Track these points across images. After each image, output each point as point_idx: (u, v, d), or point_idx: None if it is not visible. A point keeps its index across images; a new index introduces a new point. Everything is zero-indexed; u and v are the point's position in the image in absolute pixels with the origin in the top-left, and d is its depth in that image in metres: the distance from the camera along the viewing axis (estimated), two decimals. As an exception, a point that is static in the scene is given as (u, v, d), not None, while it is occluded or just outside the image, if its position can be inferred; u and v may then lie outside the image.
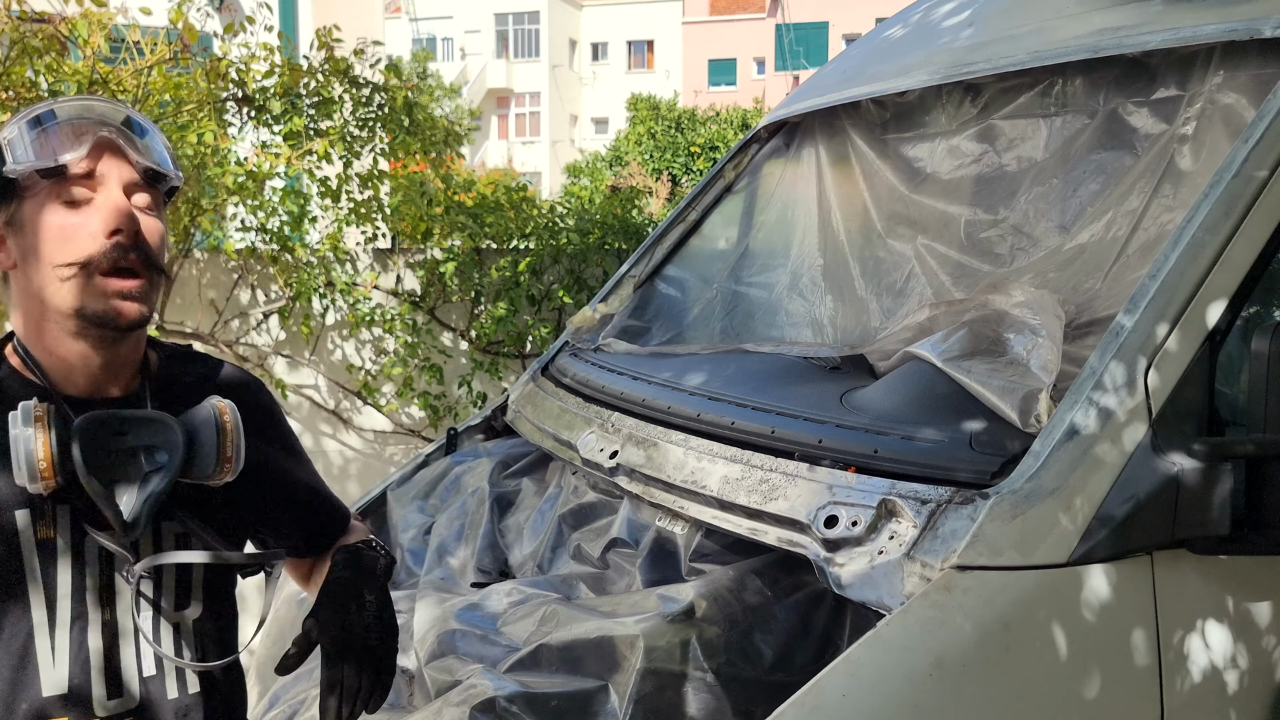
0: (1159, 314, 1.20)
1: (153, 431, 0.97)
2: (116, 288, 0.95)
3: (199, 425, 0.99)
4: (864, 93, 2.02)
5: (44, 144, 0.96)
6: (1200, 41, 1.48)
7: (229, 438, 1.00)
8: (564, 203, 5.11)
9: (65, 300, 0.95)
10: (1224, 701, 1.22)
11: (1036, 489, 1.13)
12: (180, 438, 0.97)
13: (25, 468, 0.90)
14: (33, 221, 0.96)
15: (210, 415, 1.00)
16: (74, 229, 0.95)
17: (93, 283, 0.95)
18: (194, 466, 0.98)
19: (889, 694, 1.05)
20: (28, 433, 0.90)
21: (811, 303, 2.02)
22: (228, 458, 1.00)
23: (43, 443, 0.90)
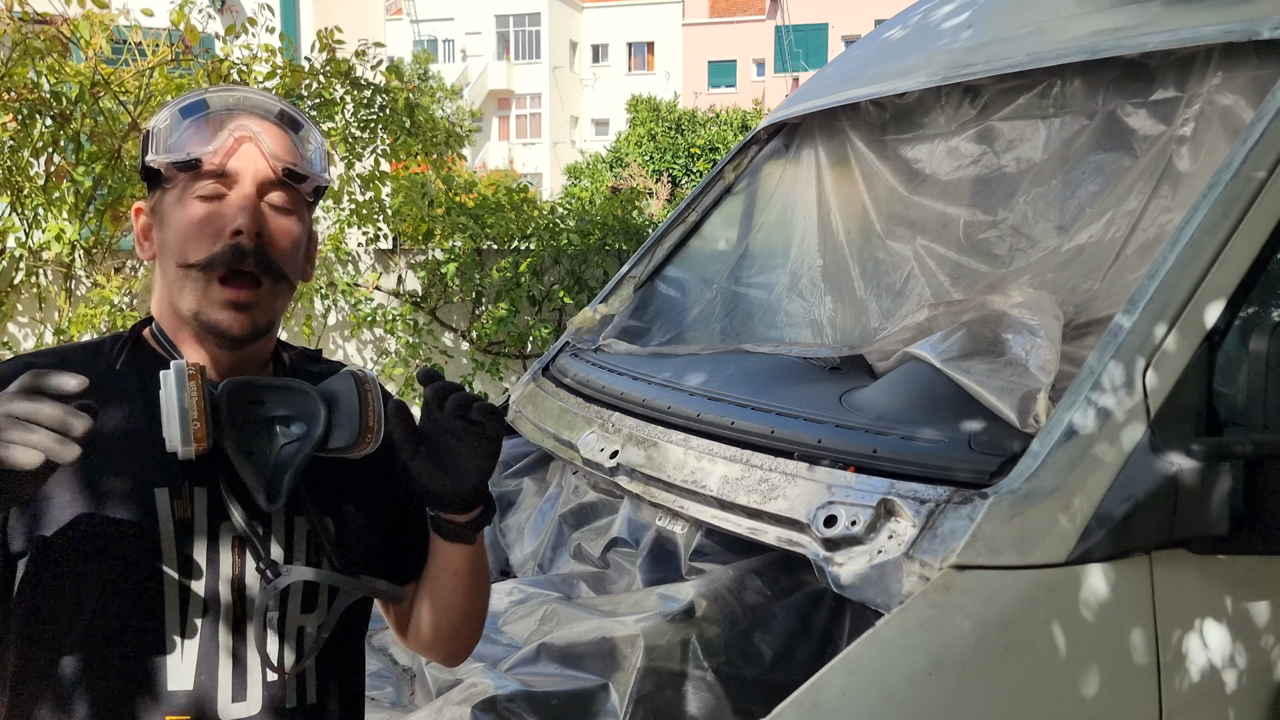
0: (1157, 314, 1.20)
1: (291, 400, 0.92)
2: (228, 296, 0.91)
3: (339, 394, 0.93)
4: (863, 94, 2.02)
5: (186, 135, 0.92)
6: (1199, 43, 1.49)
7: (369, 406, 0.93)
8: (565, 204, 5.12)
9: (186, 303, 0.92)
10: (1222, 701, 1.22)
11: (1035, 489, 1.14)
12: (320, 408, 0.91)
13: (180, 427, 0.84)
14: (169, 215, 0.93)
15: (350, 383, 0.94)
16: (200, 226, 0.91)
17: (210, 288, 0.91)
18: (334, 437, 0.92)
19: (888, 693, 1.06)
20: (182, 393, 0.85)
21: (811, 303, 2.03)
22: (369, 427, 0.93)
23: (197, 401, 0.85)
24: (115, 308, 3.74)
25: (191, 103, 0.95)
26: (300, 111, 0.99)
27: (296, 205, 0.96)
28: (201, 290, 0.91)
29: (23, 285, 4.09)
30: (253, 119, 0.94)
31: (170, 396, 0.85)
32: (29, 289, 4.14)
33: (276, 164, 0.93)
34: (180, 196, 0.92)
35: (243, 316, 0.92)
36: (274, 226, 0.93)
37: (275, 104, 0.97)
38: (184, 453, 0.85)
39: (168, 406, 0.85)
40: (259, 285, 0.92)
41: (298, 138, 0.97)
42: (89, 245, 3.97)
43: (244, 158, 0.93)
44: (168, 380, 0.86)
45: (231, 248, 0.90)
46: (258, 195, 0.93)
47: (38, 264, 4.05)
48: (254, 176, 0.93)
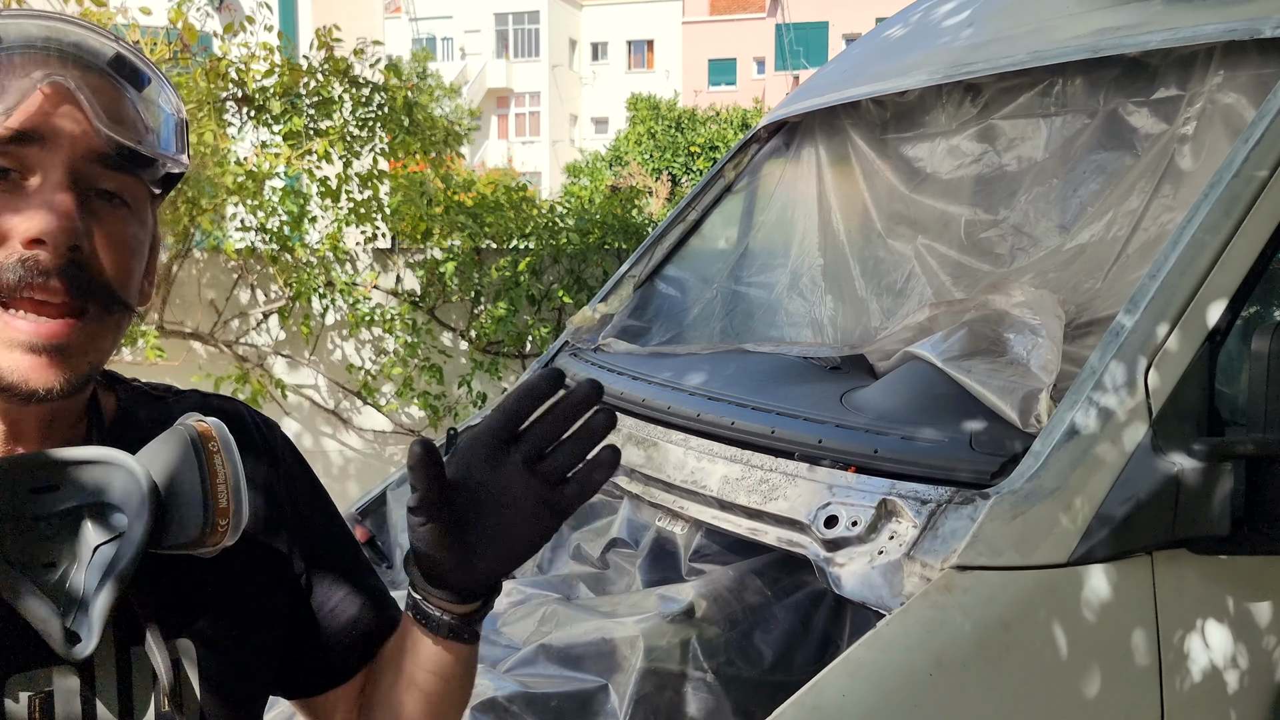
0: (1159, 314, 1.20)
1: (99, 480, 0.61)
2: (25, 333, 0.59)
3: (171, 464, 0.63)
4: (864, 92, 2.01)
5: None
6: (1200, 41, 1.48)
7: (218, 477, 0.63)
8: (564, 203, 5.11)
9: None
10: (1224, 701, 1.21)
11: (1036, 489, 1.13)
12: (144, 484, 0.61)
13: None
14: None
15: (184, 445, 0.63)
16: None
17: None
18: (169, 531, 0.62)
19: (889, 694, 1.05)
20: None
21: (811, 303, 2.02)
22: (221, 509, 0.63)
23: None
24: None
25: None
26: (146, 58, 0.67)
27: (136, 199, 0.65)
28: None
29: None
30: (71, 65, 0.62)
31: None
32: None
33: (108, 137, 0.62)
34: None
35: (50, 363, 0.60)
36: (102, 230, 0.62)
37: (108, 44, 0.65)
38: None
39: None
40: (80, 314, 0.61)
41: (140, 99, 0.65)
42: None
43: (54, 123, 0.61)
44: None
45: (25, 264, 0.59)
46: (74, 184, 0.61)
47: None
48: (70, 154, 0.61)
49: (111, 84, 0.64)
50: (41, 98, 0.61)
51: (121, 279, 0.64)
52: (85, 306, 0.61)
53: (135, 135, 0.64)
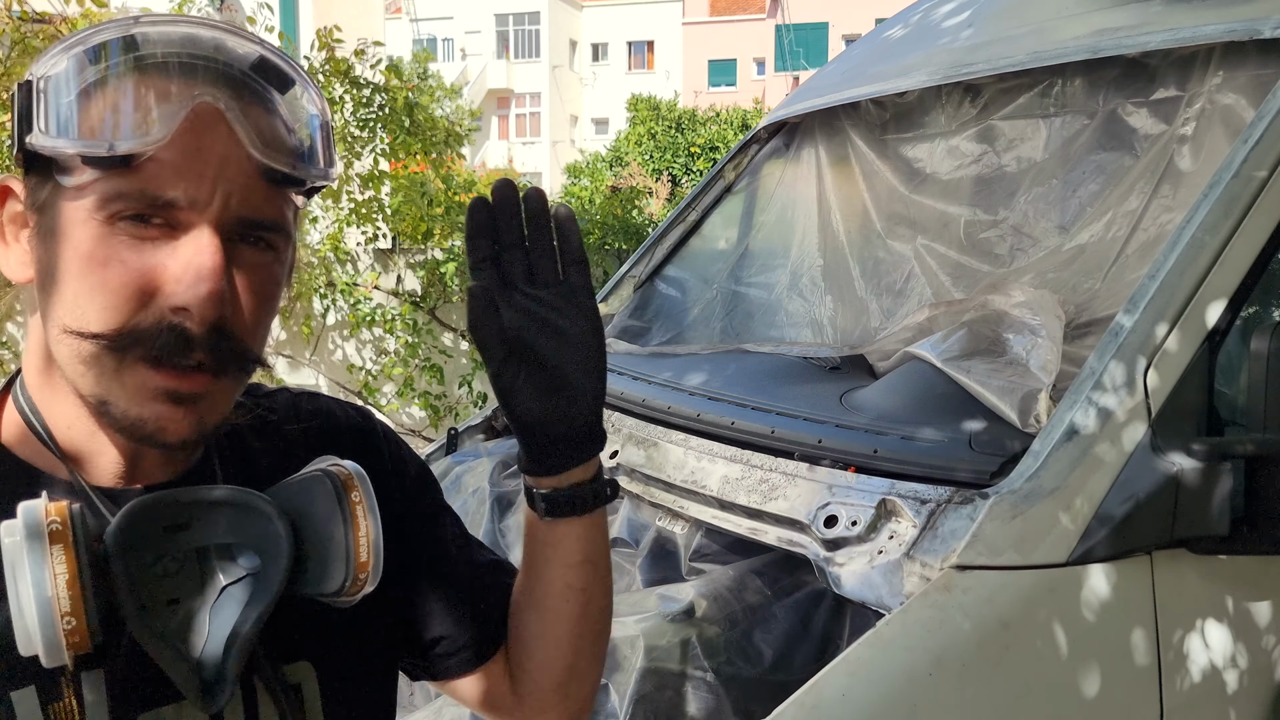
0: (1158, 314, 1.20)
1: (234, 522, 0.59)
2: (165, 384, 0.57)
3: (311, 511, 0.61)
4: (864, 93, 2.02)
5: (96, 103, 0.55)
6: (1200, 42, 1.49)
7: (361, 528, 0.60)
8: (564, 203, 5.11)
9: (85, 383, 0.58)
10: (1223, 701, 1.22)
11: (1036, 489, 1.13)
12: (282, 529, 0.59)
13: (36, 628, 0.52)
14: (64, 235, 0.57)
15: (329, 492, 0.61)
16: (117, 275, 0.56)
17: (129, 370, 0.57)
18: (307, 575, 0.60)
19: (889, 693, 1.05)
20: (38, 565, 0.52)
21: (811, 303, 2.03)
22: (362, 562, 0.60)
23: (68, 581, 0.52)
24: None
25: (108, 39, 0.56)
26: (287, 57, 0.62)
27: (283, 230, 0.61)
28: (112, 370, 0.57)
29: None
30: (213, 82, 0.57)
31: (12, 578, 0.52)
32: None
33: (263, 165, 0.58)
34: (87, 215, 0.56)
35: (187, 415, 0.58)
36: (245, 284, 0.59)
37: (250, 47, 0.59)
38: (49, 662, 0.53)
39: (13, 596, 0.52)
40: (218, 374, 0.59)
41: (285, 103, 0.60)
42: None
43: (206, 162, 0.56)
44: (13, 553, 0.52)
45: (169, 330, 0.56)
46: (221, 231, 0.57)
47: (37, 263, 4.04)
48: (223, 203, 0.57)
49: (258, 94, 0.59)
50: (187, 126, 0.56)
51: (259, 336, 0.62)
52: (225, 369, 0.59)
53: (287, 155, 0.59)
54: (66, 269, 0.57)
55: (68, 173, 0.57)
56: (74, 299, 0.57)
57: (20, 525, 0.53)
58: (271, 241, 0.61)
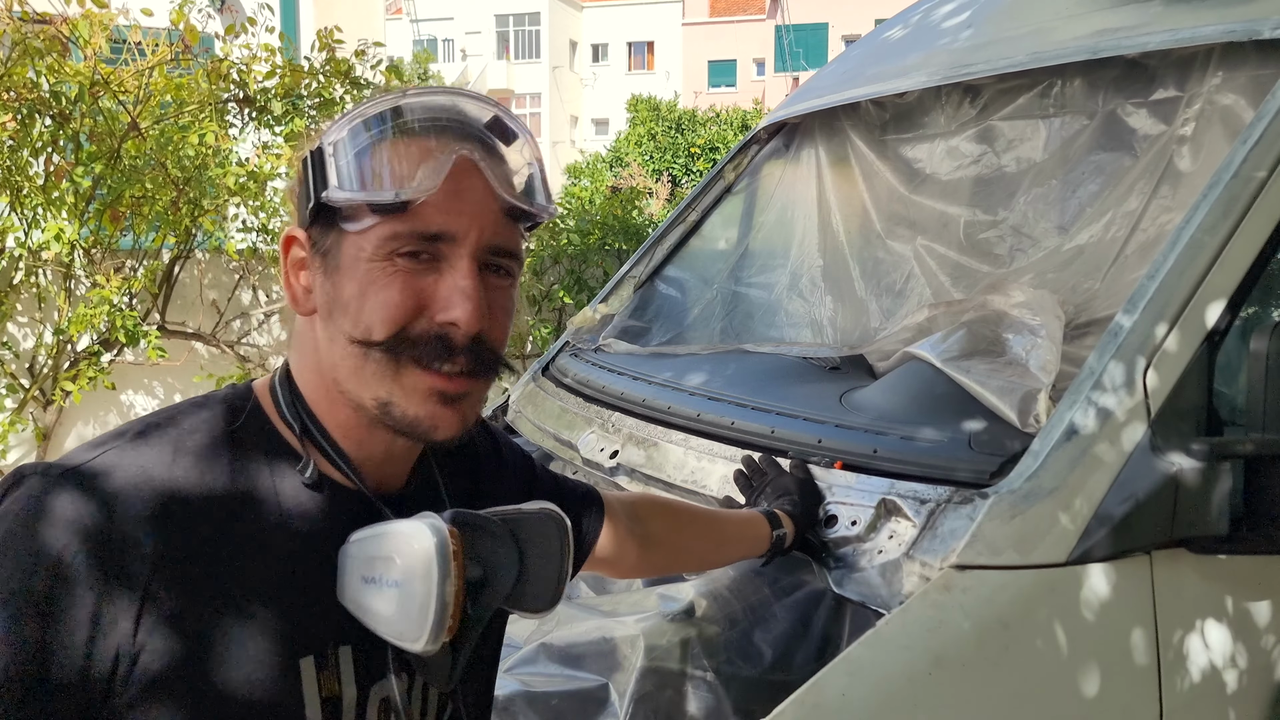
0: (1158, 314, 1.20)
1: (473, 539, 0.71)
2: (436, 385, 0.70)
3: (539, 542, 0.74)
4: (863, 94, 2.02)
5: (378, 161, 0.69)
6: (1199, 42, 1.49)
7: (569, 560, 0.75)
8: (564, 203, 5.11)
9: (366, 388, 0.70)
10: (1223, 701, 1.22)
11: (1035, 489, 1.14)
12: (514, 557, 0.72)
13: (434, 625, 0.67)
14: (349, 271, 0.70)
15: (552, 530, 0.75)
16: (395, 294, 0.69)
17: (405, 372, 0.70)
18: (523, 595, 0.73)
19: (888, 693, 1.05)
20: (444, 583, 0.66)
21: (811, 303, 2.03)
22: (560, 588, 0.75)
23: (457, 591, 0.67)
24: (115, 308, 3.74)
25: (382, 111, 0.71)
26: (511, 114, 0.75)
27: (518, 257, 0.74)
28: (391, 373, 0.70)
29: (22, 285, 4.09)
30: (465, 138, 0.70)
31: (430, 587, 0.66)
32: (28, 289, 4.14)
33: (510, 205, 0.71)
34: (370, 251, 0.69)
35: (455, 413, 0.71)
36: (495, 306, 0.72)
37: (485, 108, 0.73)
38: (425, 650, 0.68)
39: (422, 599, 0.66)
40: (476, 376, 0.72)
41: (511, 154, 0.73)
42: (88, 245, 3.97)
43: (464, 203, 0.69)
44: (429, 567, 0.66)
45: (438, 338, 0.70)
46: (476, 258, 0.70)
47: (37, 264, 4.05)
48: (478, 236, 0.70)
49: (493, 147, 0.72)
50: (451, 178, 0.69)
51: (503, 343, 0.74)
52: (482, 372, 0.72)
53: (522, 195, 0.72)
54: (352, 296, 0.70)
55: (352, 219, 0.70)
56: (358, 315, 0.70)
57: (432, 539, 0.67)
58: (509, 268, 0.74)
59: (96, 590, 0.62)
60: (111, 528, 0.63)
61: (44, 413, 4.19)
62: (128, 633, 0.62)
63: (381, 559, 0.68)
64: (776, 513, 1.23)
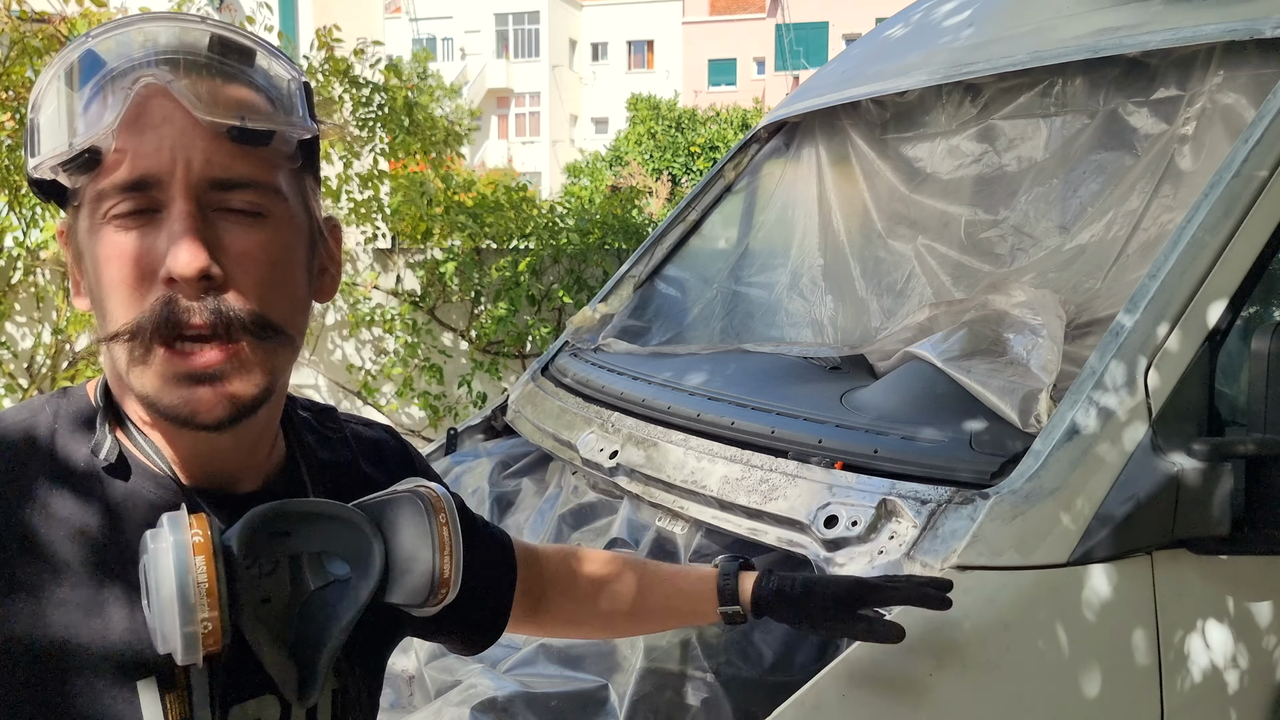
0: (1159, 314, 1.20)
1: (330, 533, 0.64)
2: (183, 367, 0.60)
3: (403, 528, 0.65)
4: (864, 93, 2.01)
5: (57, 115, 0.60)
6: (1200, 41, 1.48)
7: (446, 548, 0.66)
8: (564, 203, 5.11)
9: (133, 383, 0.61)
10: (1224, 701, 1.21)
11: (1036, 489, 1.13)
12: (375, 546, 0.64)
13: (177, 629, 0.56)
14: (85, 251, 0.62)
15: (419, 512, 0.66)
16: (120, 276, 0.59)
17: (153, 359, 0.60)
18: (393, 590, 0.65)
19: (888, 694, 1.05)
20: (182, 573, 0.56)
21: (811, 303, 2.02)
22: (445, 578, 0.66)
23: (207, 587, 0.57)
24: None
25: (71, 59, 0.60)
26: (244, 32, 0.64)
27: (268, 188, 0.62)
28: (141, 363, 0.60)
29: (20, 284, 4.09)
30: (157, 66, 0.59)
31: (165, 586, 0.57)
32: (26, 288, 4.13)
33: (214, 120, 0.59)
34: (88, 224, 0.61)
35: (214, 393, 0.60)
36: (241, 252, 0.60)
37: (201, 29, 0.61)
38: (183, 659, 0.58)
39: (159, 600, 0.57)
40: (232, 341, 0.61)
41: (251, 74, 0.62)
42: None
43: (159, 135, 0.58)
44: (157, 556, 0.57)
45: (164, 304, 0.59)
46: (198, 204, 0.59)
47: (35, 263, 4.04)
48: (186, 170, 0.58)
49: (212, 69, 0.61)
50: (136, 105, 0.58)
51: (274, 301, 0.62)
52: (236, 336, 0.61)
53: (235, 111, 0.60)
54: (94, 284, 0.61)
55: (73, 195, 0.61)
56: (101, 308, 0.61)
57: (168, 535, 0.58)
58: (258, 206, 0.61)
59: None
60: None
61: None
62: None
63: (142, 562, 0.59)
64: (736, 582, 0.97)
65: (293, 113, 0.64)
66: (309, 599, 0.64)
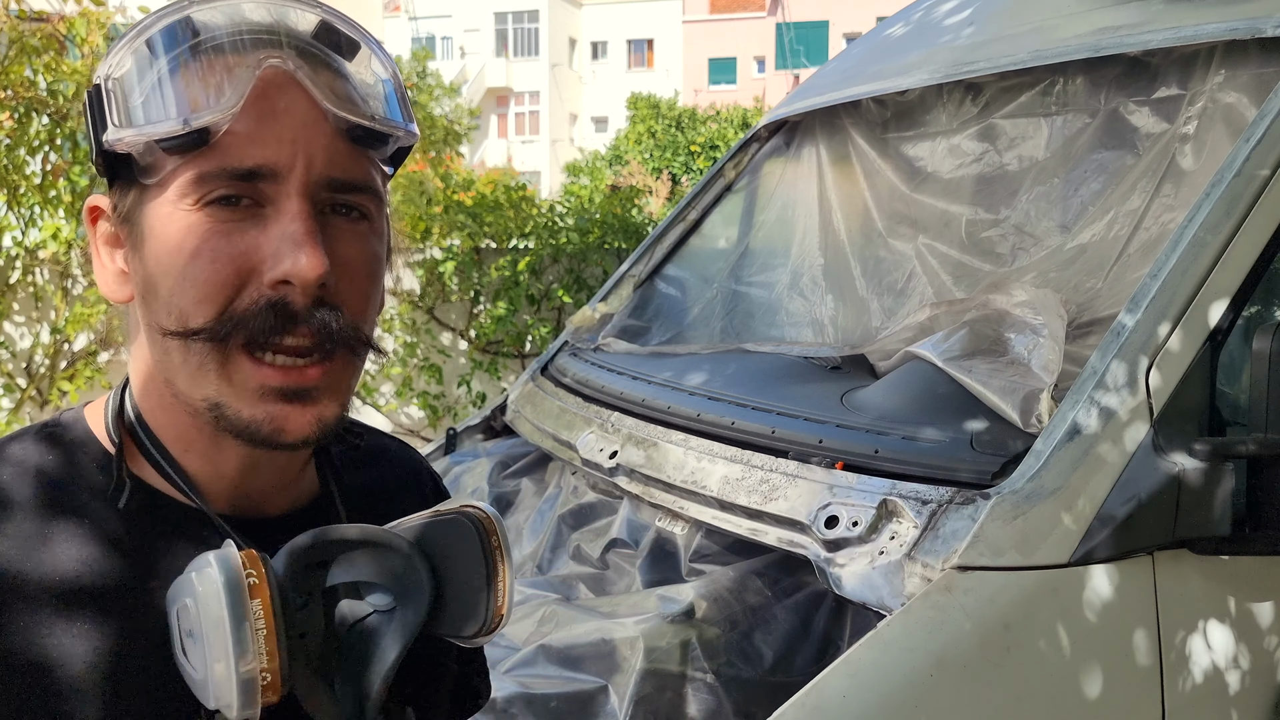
0: (1160, 313, 1.20)
1: (371, 561, 0.57)
2: (277, 380, 0.55)
3: (451, 550, 0.59)
4: (865, 91, 2.01)
5: (163, 86, 0.53)
6: (1201, 40, 1.48)
7: (499, 574, 0.59)
8: (563, 202, 5.10)
9: (194, 386, 0.55)
10: (1225, 702, 1.21)
11: (1038, 489, 1.13)
12: (424, 571, 0.58)
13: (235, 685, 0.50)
14: (153, 237, 0.55)
15: (472, 536, 0.59)
16: (208, 263, 0.54)
17: (236, 365, 0.55)
18: (444, 617, 0.59)
19: (889, 695, 1.05)
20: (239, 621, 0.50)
21: (812, 302, 2.02)
22: (499, 605, 0.59)
23: (267, 634, 0.51)
24: (112, 307, 3.74)
25: (170, 25, 0.54)
26: (351, 21, 0.59)
27: (375, 194, 0.58)
28: (218, 368, 0.55)
29: (19, 284, 4.08)
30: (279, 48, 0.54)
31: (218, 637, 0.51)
32: (25, 288, 4.13)
33: (345, 116, 0.55)
34: (172, 206, 0.54)
35: (304, 411, 0.56)
36: (346, 261, 0.56)
37: (310, 16, 0.57)
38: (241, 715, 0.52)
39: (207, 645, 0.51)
40: (329, 358, 0.56)
41: (353, 69, 0.58)
42: (86, 244, 3.97)
43: (283, 126, 0.54)
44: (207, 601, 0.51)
45: (270, 307, 0.54)
46: (309, 195, 0.55)
47: (34, 263, 4.04)
48: (306, 166, 0.54)
49: (324, 60, 0.56)
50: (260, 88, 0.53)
51: (366, 314, 0.58)
52: (334, 352, 0.56)
53: (363, 110, 0.56)
54: (160, 271, 0.55)
55: (150, 172, 0.55)
56: (169, 298, 0.54)
57: (219, 577, 0.51)
58: (364, 208, 0.57)
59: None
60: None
61: (41, 412, 4.18)
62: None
63: (182, 605, 0.52)
64: None
65: (408, 116, 0.60)
66: (349, 634, 0.57)
